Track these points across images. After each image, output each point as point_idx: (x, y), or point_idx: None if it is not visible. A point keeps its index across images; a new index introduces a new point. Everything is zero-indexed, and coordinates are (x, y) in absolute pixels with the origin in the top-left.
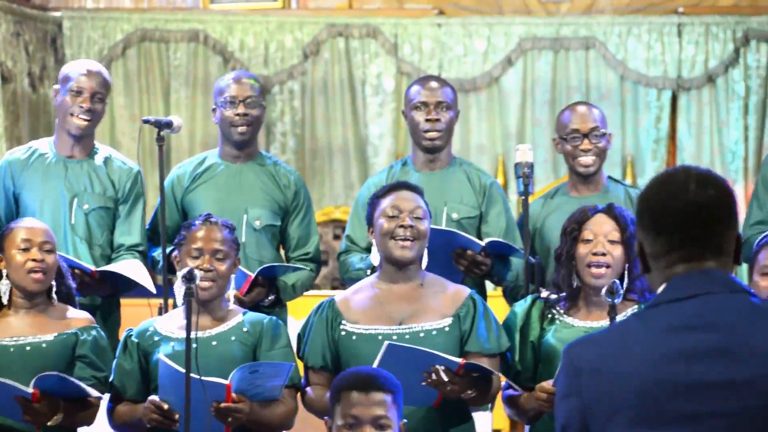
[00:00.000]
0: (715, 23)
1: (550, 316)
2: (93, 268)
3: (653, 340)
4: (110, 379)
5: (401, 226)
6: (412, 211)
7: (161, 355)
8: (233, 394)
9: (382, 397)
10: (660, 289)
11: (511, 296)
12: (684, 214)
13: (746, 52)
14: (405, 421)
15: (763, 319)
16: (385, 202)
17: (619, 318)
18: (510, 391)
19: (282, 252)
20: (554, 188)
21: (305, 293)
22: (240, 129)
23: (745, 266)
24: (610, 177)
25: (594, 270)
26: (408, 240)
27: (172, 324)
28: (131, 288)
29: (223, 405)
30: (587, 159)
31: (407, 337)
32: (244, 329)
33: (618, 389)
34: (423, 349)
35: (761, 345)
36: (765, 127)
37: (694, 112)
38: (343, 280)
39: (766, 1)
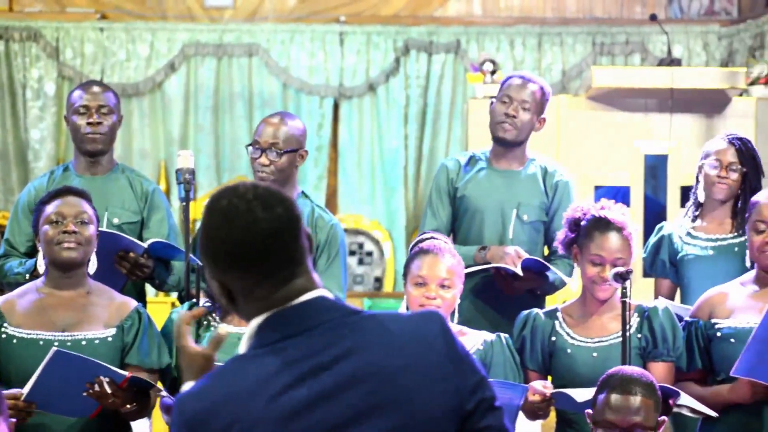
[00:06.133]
0: (377, 32)
1: (206, 322)
2: None
3: (265, 390)
4: None
5: (65, 232)
6: (76, 216)
7: None
8: None
9: None
10: (258, 323)
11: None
12: (265, 241)
13: (406, 61)
14: (14, 420)
15: (381, 351)
16: (49, 209)
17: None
18: (166, 399)
19: None
20: None
21: None
22: None
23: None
24: (303, 193)
25: None
26: (72, 242)
27: None
28: None
29: None
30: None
31: (69, 344)
32: None
33: None
34: (91, 359)
35: (384, 392)
36: (424, 136)
37: (356, 120)
38: (2, 285)
39: (425, 12)
